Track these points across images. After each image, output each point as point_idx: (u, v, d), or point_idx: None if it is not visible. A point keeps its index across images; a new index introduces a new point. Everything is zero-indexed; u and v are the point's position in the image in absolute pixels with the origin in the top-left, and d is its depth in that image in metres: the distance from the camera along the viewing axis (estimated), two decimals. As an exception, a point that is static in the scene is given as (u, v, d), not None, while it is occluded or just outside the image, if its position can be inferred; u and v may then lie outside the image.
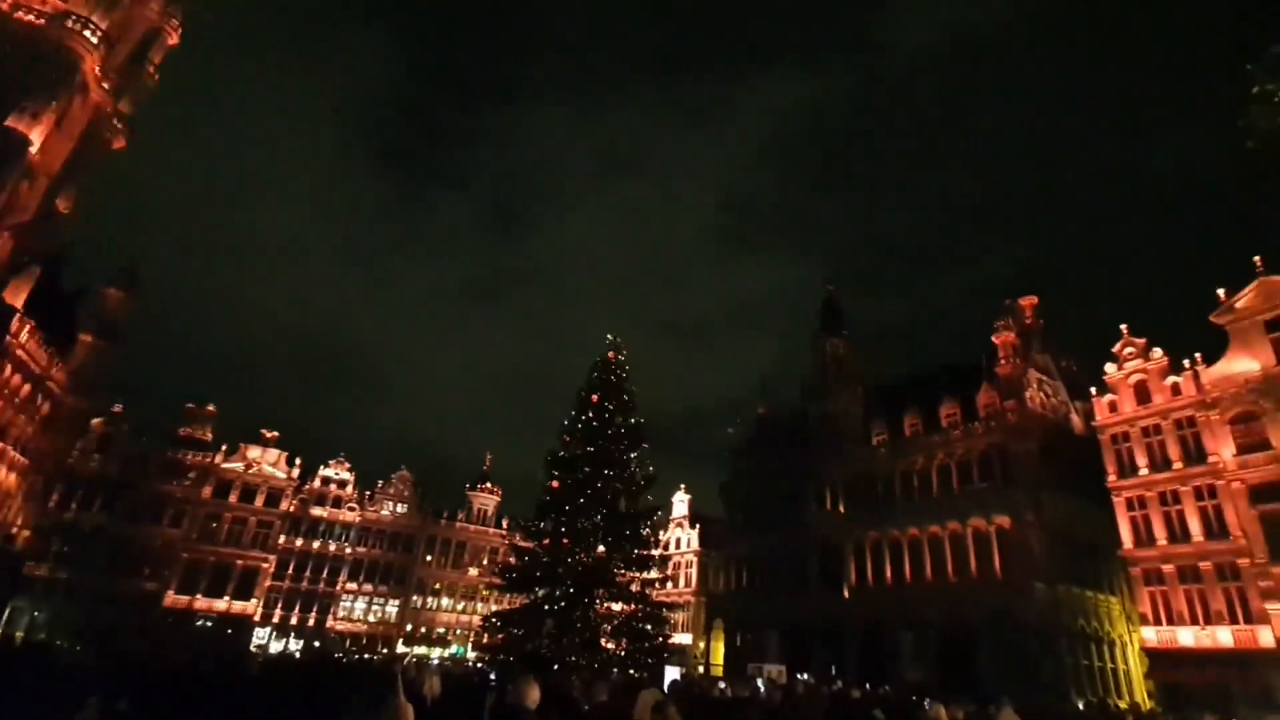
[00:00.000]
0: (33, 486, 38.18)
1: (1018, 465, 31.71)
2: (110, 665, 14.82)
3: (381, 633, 52.96)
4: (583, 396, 27.33)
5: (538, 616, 23.79)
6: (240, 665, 17.71)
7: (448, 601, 57.14)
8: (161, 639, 36.31)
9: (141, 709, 9.78)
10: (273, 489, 52.13)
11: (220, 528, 49.61)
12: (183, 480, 49.49)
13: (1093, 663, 28.64)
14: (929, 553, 33.54)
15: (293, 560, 51.80)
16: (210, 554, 48.51)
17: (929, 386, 38.12)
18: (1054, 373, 36.84)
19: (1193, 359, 28.72)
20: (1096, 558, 30.50)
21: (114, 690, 10.36)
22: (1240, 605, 25.19)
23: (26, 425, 35.95)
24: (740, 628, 41.78)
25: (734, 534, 45.76)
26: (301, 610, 51.17)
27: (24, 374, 34.39)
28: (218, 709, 9.81)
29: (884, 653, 32.33)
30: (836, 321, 45.34)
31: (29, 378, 34.86)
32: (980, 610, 29.85)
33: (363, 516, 55.48)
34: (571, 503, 24.95)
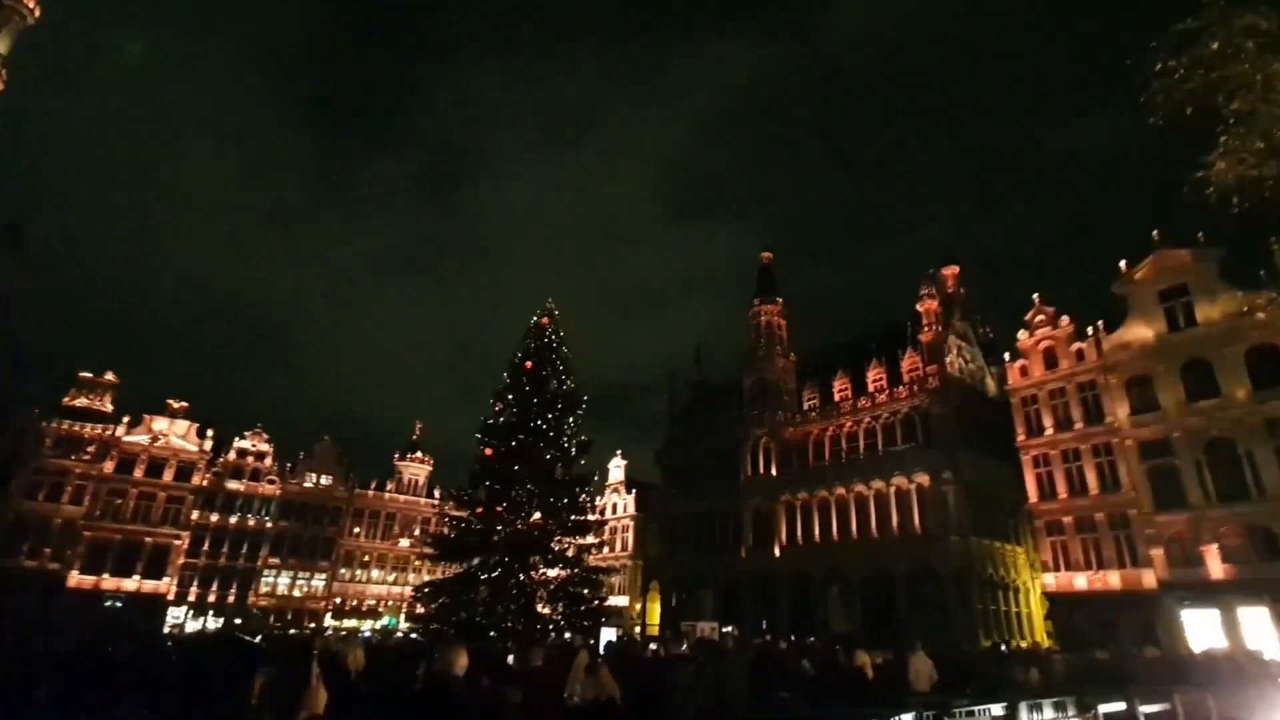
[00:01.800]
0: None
1: (938, 427, 33.39)
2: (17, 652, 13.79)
3: (308, 607, 51.33)
4: (517, 363, 26.80)
5: (472, 585, 23.55)
6: (153, 646, 16.73)
7: (378, 573, 55.88)
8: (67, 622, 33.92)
9: (57, 695, 9.06)
10: (183, 462, 49.02)
11: (126, 504, 46.37)
12: (81, 454, 45.83)
13: (999, 607, 30.90)
14: (855, 511, 35.11)
15: (208, 536, 49.18)
16: (116, 532, 45.40)
17: (858, 352, 39.46)
18: (972, 339, 38.77)
19: (1096, 326, 30.76)
20: (1005, 511, 32.71)
21: (29, 677, 9.56)
22: (1128, 551, 27.64)
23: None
24: (676, 588, 42.82)
25: (670, 498, 46.52)
26: (220, 587, 48.88)
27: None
28: (130, 692, 9.18)
29: (813, 607, 33.90)
30: (771, 289, 46.06)
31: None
32: (901, 563, 31.65)
33: (284, 489, 53.11)
34: (506, 470, 24.61)
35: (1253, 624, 23.24)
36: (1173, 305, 28.42)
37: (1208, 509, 25.54)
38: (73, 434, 45.91)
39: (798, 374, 42.55)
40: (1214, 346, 26.71)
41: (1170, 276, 28.68)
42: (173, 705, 8.24)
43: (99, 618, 39.84)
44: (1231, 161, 7.11)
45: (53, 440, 45.29)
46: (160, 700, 8.43)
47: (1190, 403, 26.94)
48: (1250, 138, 7.03)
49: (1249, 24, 6.67)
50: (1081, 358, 30.86)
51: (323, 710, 5.74)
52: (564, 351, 27.81)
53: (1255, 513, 24.54)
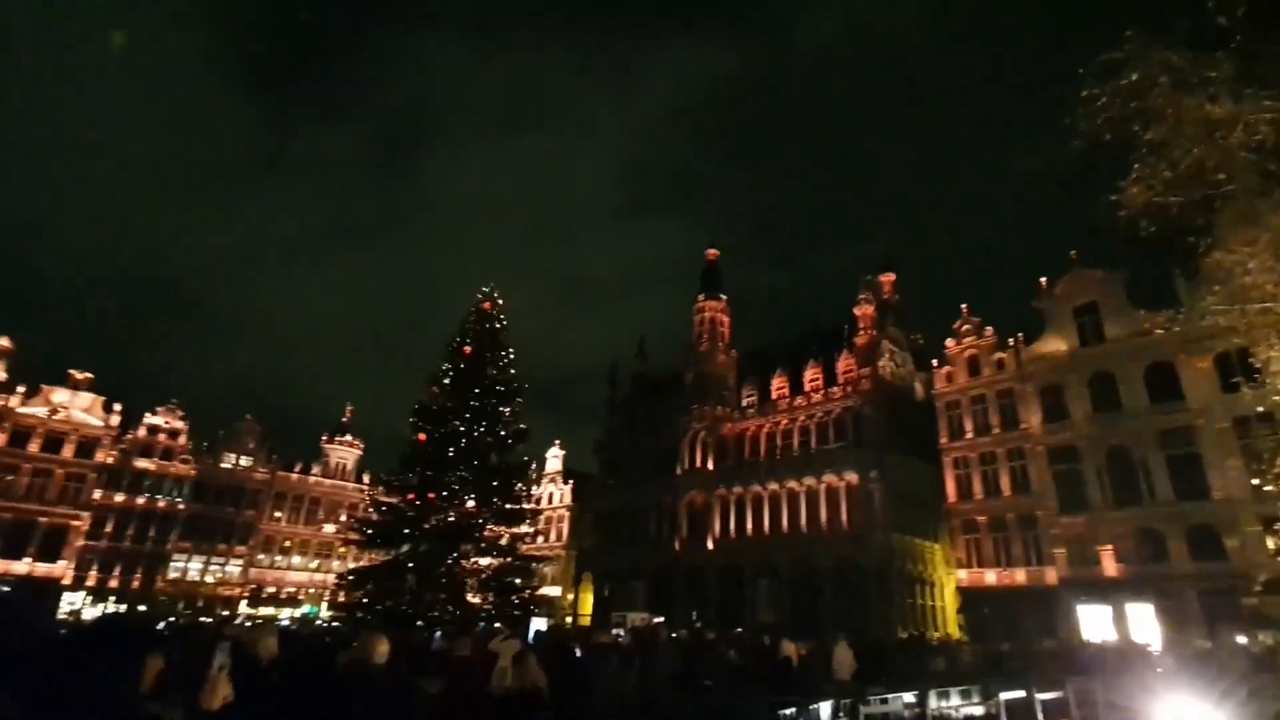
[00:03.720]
0: None
1: (868, 427, 34.65)
2: None
3: (222, 594, 48.78)
4: (455, 347, 26.14)
5: (400, 573, 22.89)
6: (41, 634, 15.45)
7: (299, 560, 53.67)
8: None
9: None
10: (85, 437, 45.54)
11: (18, 480, 42.75)
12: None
13: (916, 601, 32.40)
14: (787, 507, 36.06)
15: (113, 517, 45.95)
16: (6, 510, 41.82)
17: (796, 352, 40.47)
18: (904, 344, 40.37)
19: (1016, 338, 32.58)
20: (925, 510, 34.25)
21: None
22: (1034, 550, 29.52)
23: None
24: (608, 579, 42.95)
25: (606, 489, 46.57)
26: (124, 572, 45.79)
27: None
28: (7, 685, 8.40)
29: (742, 599, 34.67)
30: (716, 286, 46.61)
31: None
32: (827, 557, 32.77)
33: (199, 469, 50.21)
34: (439, 456, 24.01)
35: (1139, 619, 25.28)
36: (1084, 321, 30.41)
37: (1105, 511, 27.54)
38: (-46, 403, 41.95)
39: (738, 371, 43.28)
40: (1118, 361, 28.75)
41: (1083, 295, 30.67)
42: (47, 694, 7.62)
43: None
44: (1142, 188, 7.61)
45: (-69, 408, 41.26)
46: (33, 689, 7.78)
47: (1095, 413, 28.92)
48: (1160, 166, 7.55)
49: (1165, 59, 7.13)
50: (1001, 367, 32.63)
51: (219, 706, 5.40)
52: (505, 337, 27.34)
53: (1147, 516, 26.63)
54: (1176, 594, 24.86)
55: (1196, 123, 7.25)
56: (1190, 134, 7.33)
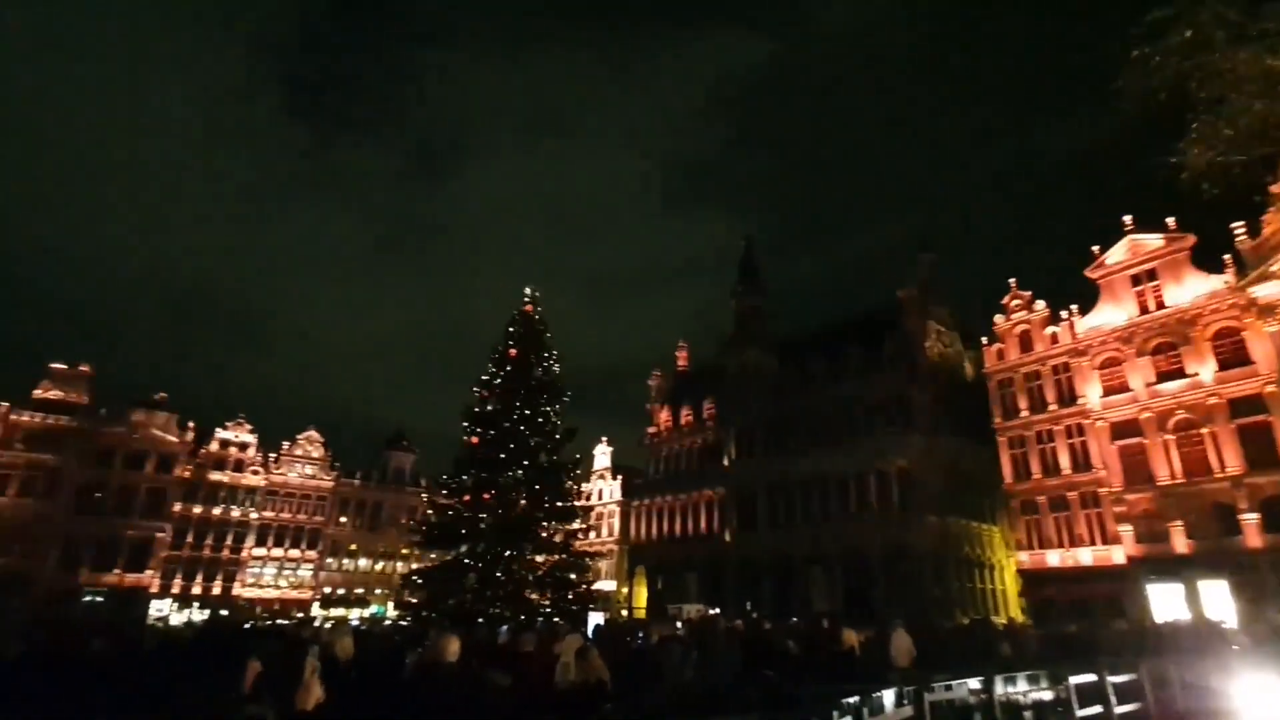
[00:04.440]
0: None
1: (916, 410, 34.03)
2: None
3: (295, 597, 51.23)
4: (500, 350, 26.79)
5: (460, 572, 23.65)
6: (133, 642, 16.55)
7: (365, 562, 55.87)
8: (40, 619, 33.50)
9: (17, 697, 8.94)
10: (163, 454, 48.39)
11: (106, 497, 45.76)
12: (56, 448, 45.05)
13: (975, 585, 31.76)
14: (835, 494, 35.72)
15: (192, 528, 48.79)
16: (94, 526, 44.81)
17: (838, 337, 39.91)
18: (950, 324, 39.39)
19: (1069, 310, 31.45)
20: (980, 492, 33.46)
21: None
22: (1099, 529, 28.55)
23: None
24: (661, 572, 43.37)
25: (654, 483, 46.96)
26: (205, 579, 48.60)
27: None
28: (107, 692, 9.11)
29: (795, 587, 34.57)
30: (753, 276, 46.33)
31: None
32: (879, 544, 32.36)
33: (268, 479, 52.75)
34: (491, 458, 24.67)
35: (1213, 596, 24.24)
36: (1143, 290, 29.15)
37: (1174, 486, 26.44)
38: (46, 427, 45.08)
39: (781, 358, 42.96)
40: (1182, 330, 27.48)
41: (1141, 262, 29.38)
42: (153, 701, 8.18)
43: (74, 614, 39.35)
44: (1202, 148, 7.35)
45: (23, 434, 44.44)
46: (139, 697, 8.36)
47: (1159, 384, 27.75)
48: (1219, 125, 7.27)
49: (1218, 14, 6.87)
50: (1056, 341, 31.57)
51: (313, 706, 5.83)
52: (548, 338, 27.85)
53: (1217, 490, 25.47)
54: (1251, 569, 23.76)
55: (1256, 77, 6.96)
56: (1250, 89, 7.04)
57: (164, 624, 42.18)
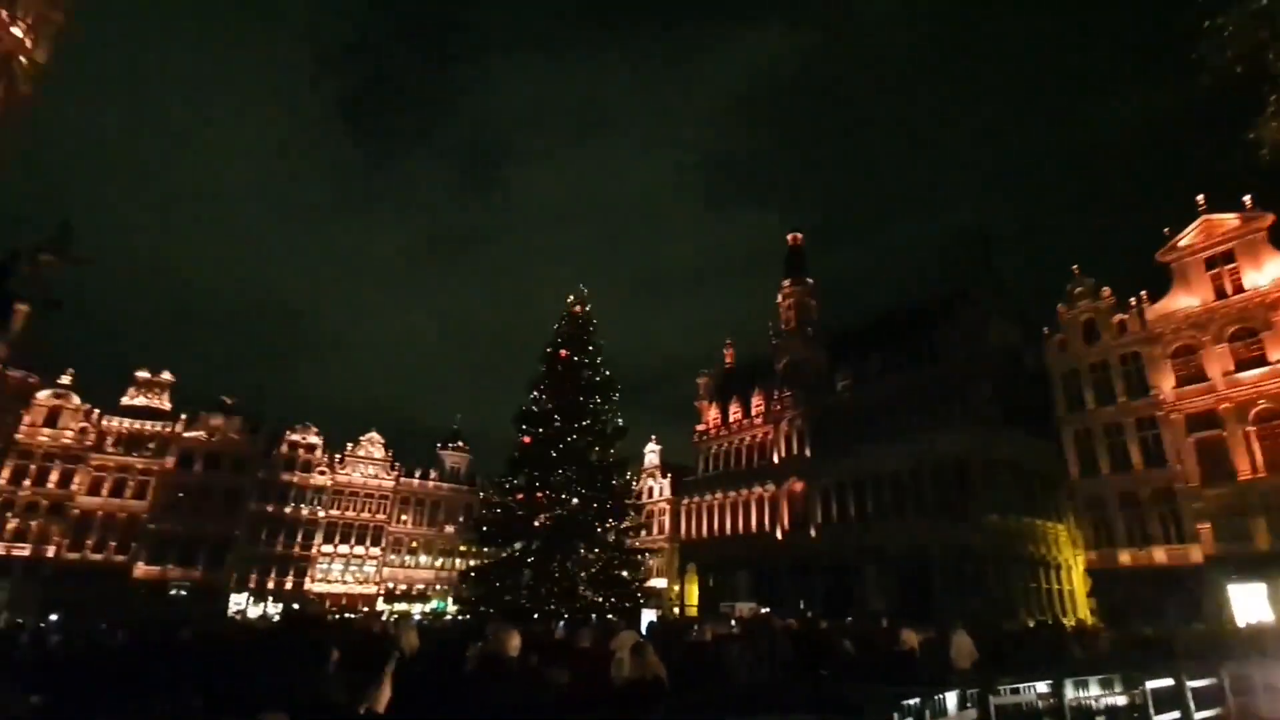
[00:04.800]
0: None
1: (974, 403, 33.00)
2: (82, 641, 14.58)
3: (361, 593, 53.41)
4: (550, 351, 27.32)
5: (515, 569, 24.30)
6: (215, 632, 17.65)
7: (425, 559, 57.69)
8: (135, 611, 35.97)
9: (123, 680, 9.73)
10: (238, 456, 51.22)
11: (187, 498, 48.76)
12: (142, 451, 48.23)
13: (1040, 585, 30.60)
14: (891, 490, 34.97)
15: (265, 526, 51.42)
16: (179, 524, 47.80)
17: (891, 329, 39.08)
18: (1008, 313, 38.01)
19: (1138, 297, 29.92)
20: (1045, 488, 32.22)
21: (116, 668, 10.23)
22: (1174, 526, 27.11)
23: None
24: (713, 570, 43.34)
25: (704, 481, 46.95)
26: (278, 575, 51.13)
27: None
28: (199, 677, 9.80)
29: (849, 587, 34.02)
30: (801, 270, 45.75)
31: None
32: (937, 542, 31.48)
33: (334, 479, 55.12)
34: (543, 457, 25.22)
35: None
36: (1219, 273, 27.51)
37: (1256, 481, 24.89)
38: (133, 432, 48.32)
39: (830, 353, 42.34)
40: (1262, 314, 25.83)
41: (1217, 243, 27.73)
42: (238, 684, 8.79)
43: (163, 607, 42.12)
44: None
45: (114, 438, 47.73)
46: (228, 681, 9.00)
47: (1238, 373, 26.16)
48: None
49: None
50: (1124, 330, 30.11)
51: (383, 709, 6.17)
52: (596, 338, 28.24)
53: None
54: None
55: None
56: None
57: (242, 616, 44.73)
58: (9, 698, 12.10)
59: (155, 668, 10.33)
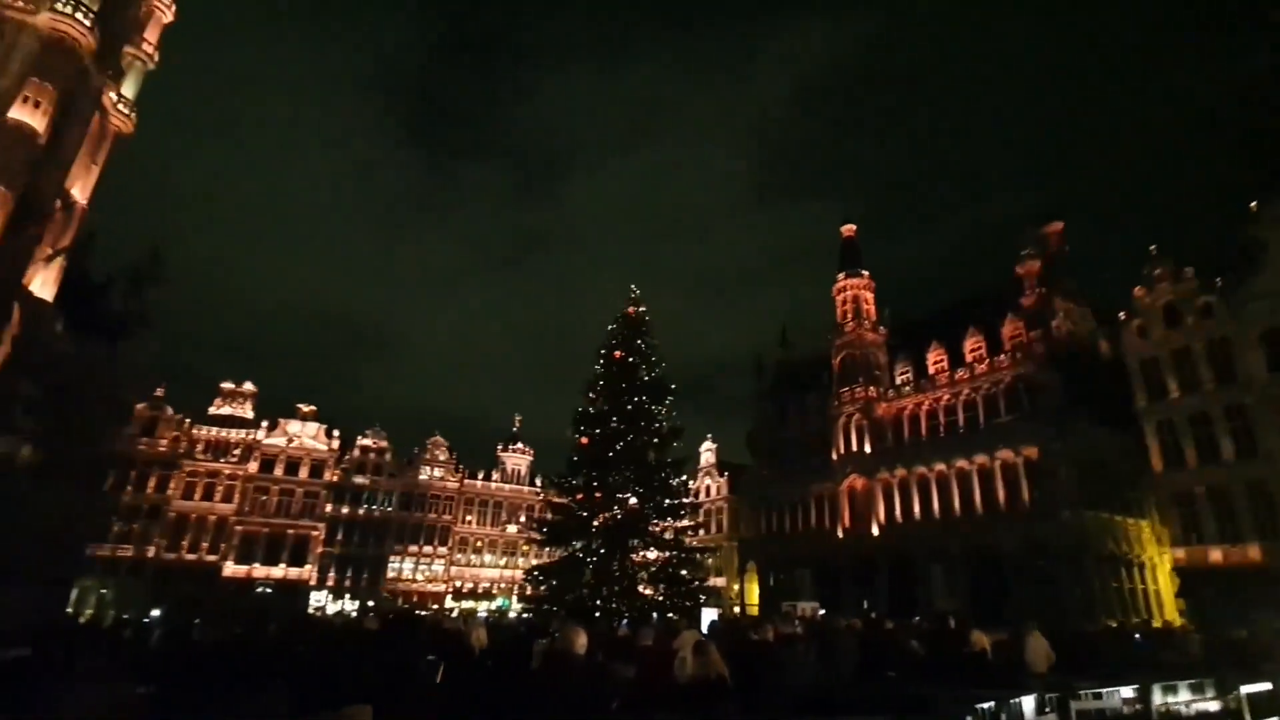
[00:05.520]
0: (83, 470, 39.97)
1: (1045, 395, 31.59)
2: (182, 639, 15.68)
3: (431, 590, 55.43)
4: (605, 353, 27.61)
5: (576, 568, 24.72)
6: (300, 627, 18.66)
7: (489, 558, 59.35)
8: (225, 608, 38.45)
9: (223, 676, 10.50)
10: (315, 460, 54.04)
11: (270, 500, 51.79)
12: (229, 457, 51.49)
13: (1122, 585, 29.03)
14: (957, 487, 33.85)
15: (341, 527, 54.03)
16: (263, 525, 50.84)
17: (952, 321, 37.79)
18: (1080, 299, 36.18)
19: (1226, 277, 28.00)
20: (1125, 483, 30.52)
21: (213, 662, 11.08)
22: (1270, 522, 25.26)
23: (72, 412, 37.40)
24: (773, 569, 42.94)
25: (762, 479, 46.54)
26: (354, 573, 53.63)
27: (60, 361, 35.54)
28: (286, 670, 10.48)
29: (914, 586, 33.12)
30: (856, 262, 44.73)
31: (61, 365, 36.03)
32: (1008, 540, 30.28)
33: (402, 482, 57.39)
34: (601, 457, 25.55)
35: None
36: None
37: (1367, 473, 22.95)
38: (220, 439, 51.63)
39: (888, 347, 41.29)
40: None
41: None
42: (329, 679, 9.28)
43: (251, 604, 44.81)
44: None
45: (203, 445, 51.12)
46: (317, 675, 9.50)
47: (1343, 355, 24.19)
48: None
49: None
50: (1209, 312, 28.23)
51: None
52: (651, 338, 28.41)
53: None
54: None
55: None
56: None
57: (321, 613, 47.12)
58: (119, 689, 13.21)
59: (244, 662, 11.13)
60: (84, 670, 15.74)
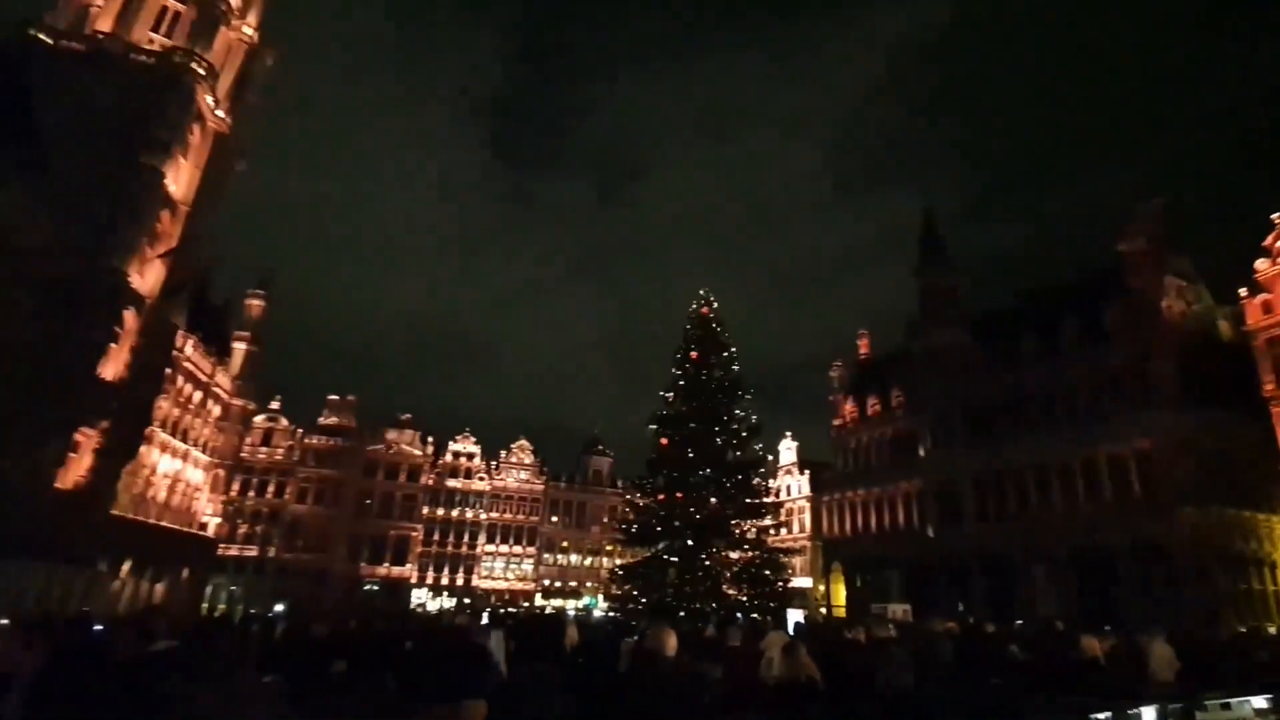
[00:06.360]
0: (216, 480, 44.31)
1: (1156, 382, 29.29)
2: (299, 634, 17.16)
3: (521, 588, 57.60)
4: (681, 354, 27.90)
5: (660, 568, 25.14)
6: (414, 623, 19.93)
7: (576, 558, 60.97)
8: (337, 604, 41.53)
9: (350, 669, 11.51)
10: (412, 466, 57.43)
11: (373, 503, 55.45)
12: (336, 464, 55.48)
13: (1252, 587, 26.55)
14: (1058, 483, 31.90)
15: (437, 528, 57.10)
16: (367, 527, 54.48)
17: (1047, 307, 35.57)
18: (1194, 275, 33.25)
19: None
20: (1254, 475, 27.84)
21: (328, 655, 12.19)
22: None
23: (203, 428, 41.54)
24: (859, 569, 41.91)
25: (844, 477, 45.52)
26: (450, 571, 56.56)
27: (194, 383, 39.56)
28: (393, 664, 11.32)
29: (1013, 587, 31.48)
30: (939, 251, 42.93)
31: (198, 385, 40.06)
32: (1118, 539, 28.27)
33: (491, 485, 59.94)
34: (681, 458, 25.84)
35: None
36: None
37: None
38: (328, 447, 55.69)
39: (977, 337, 39.33)
40: None
41: None
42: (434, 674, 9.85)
43: (360, 600, 48.08)
44: None
45: (314, 453, 55.27)
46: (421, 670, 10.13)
47: None
48: None
49: None
50: (1350, 285, 25.41)
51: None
52: (726, 338, 28.48)
53: None
54: None
55: None
56: None
57: (422, 609, 49.87)
58: (250, 679, 14.59)
59: (357, 655, 12.11)
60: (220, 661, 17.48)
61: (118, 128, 28.86)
